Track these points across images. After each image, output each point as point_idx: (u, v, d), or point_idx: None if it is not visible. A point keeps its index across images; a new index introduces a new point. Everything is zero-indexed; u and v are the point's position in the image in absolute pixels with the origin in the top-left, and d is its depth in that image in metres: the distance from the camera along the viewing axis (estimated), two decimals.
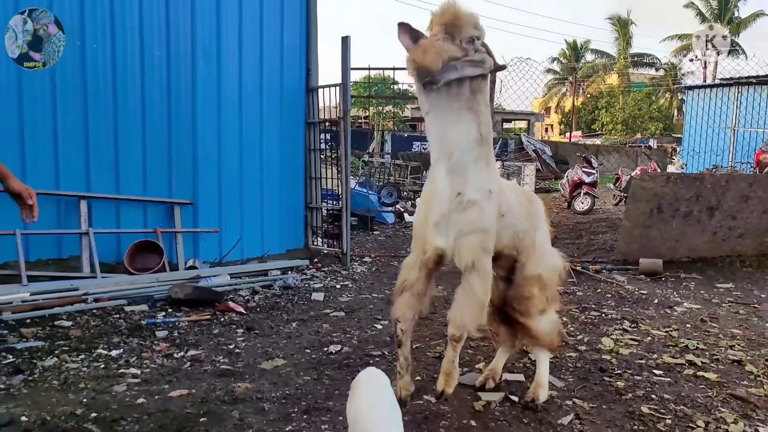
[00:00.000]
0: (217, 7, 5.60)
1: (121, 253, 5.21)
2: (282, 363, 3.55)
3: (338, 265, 6.38)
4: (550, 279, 3.04)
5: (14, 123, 4.70)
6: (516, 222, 2.91)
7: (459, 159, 2.61)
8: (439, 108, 2.61)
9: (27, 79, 4.70)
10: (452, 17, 2.53)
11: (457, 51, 2.52)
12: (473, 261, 2.63)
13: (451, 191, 2.61)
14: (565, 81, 42.78)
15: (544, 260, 3.02)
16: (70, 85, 4.90)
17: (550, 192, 17.88)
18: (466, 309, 2.64)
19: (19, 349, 3.57)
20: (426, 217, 2.71)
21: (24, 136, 4.76)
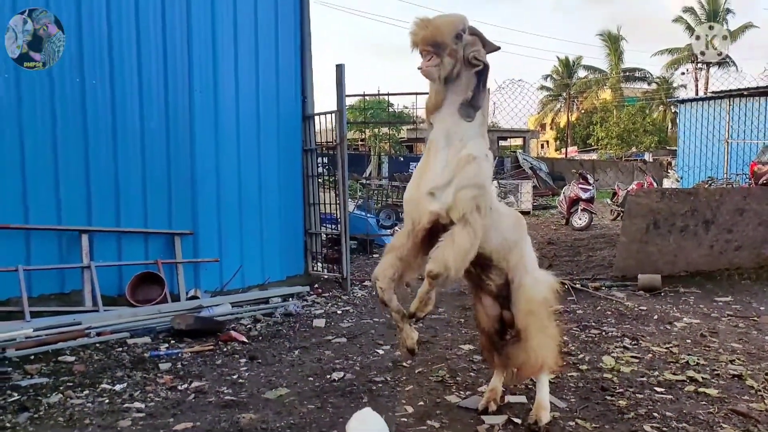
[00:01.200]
0: (213, 39, 5.71)
1: (122, 285, 5.24)
2: (285, 392, 3.56)
3: (339, 290, 6.41)
4: (545, 301, 3.05)
5: (16, 159, 4.78)
6: (504, 228, 2.97)
7: (461, 136, 2.71)
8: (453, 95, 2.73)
9: (27, 115, 4.80)
10: (433, 37, 2.62)
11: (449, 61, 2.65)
12: (465, 214, 2.65)
13: (450, 158, 2.70)
14: (558, 97, 43.19)
15: (537, 283, 3.04)
16: (71, 121, 4.99)
17: (547, 209, 17.96)
18: (449, 251, 2.62)
19: (23, 386, 3.58)
20: (418, 187, 2.75)
21: (25, 172, 4.83)
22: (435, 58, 2.64)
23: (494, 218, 2.90)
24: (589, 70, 43.23)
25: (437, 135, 2.75)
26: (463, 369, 3.93)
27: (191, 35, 5.55)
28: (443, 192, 2.67)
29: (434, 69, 2.65)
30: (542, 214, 16.83)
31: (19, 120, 4.76)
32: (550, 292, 3.07)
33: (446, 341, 4.61)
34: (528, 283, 3.00)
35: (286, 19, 6.36)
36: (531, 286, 3.00)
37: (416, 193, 2.76)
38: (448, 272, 2.61)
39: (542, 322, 3.02)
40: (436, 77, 2.67)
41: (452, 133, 2.71)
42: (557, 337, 3.15)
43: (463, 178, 2.66)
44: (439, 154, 2.72)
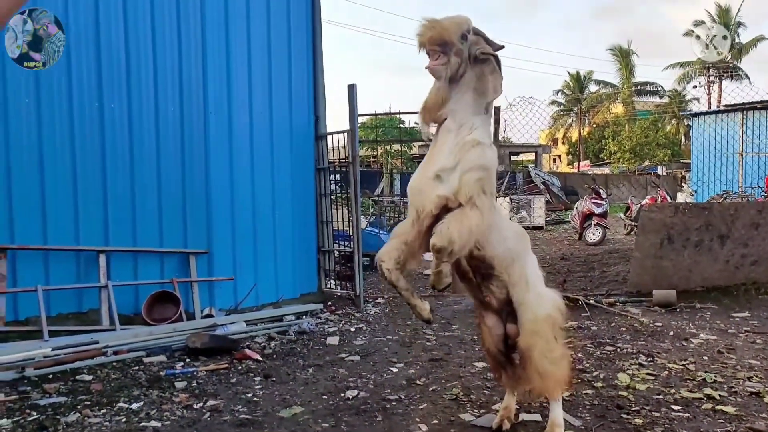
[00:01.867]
0: (227, 60, 5.83)
1: (138, 304, 5.31)
2: (300, 410, 3.58)
3: (352, 308, 6.43)
4: (549, 319, 2.96)
5: (36, 181, 4.89)
6: (507, 236, 2.96)
7: (469, 125, 2.75)
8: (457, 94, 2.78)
9: (47, 138, 4.93)
10: (440, 37, 2.67)
11: (456, 60, 2.71)
12: (472, 197, 2.65)
13: (456, 143, 2.73)
14: (570, 112, 43.18)
15: (540, 300, 2.97)
16: (89, 144, 5.11)
17: (560, 224, 17.88)
18: (455, 225, 2.60)
19: (42, 405, 3.63)
20: (424, 174, 2.78)
21: (45, 193, 4.94)
22: (442, 57, 2.70)
23: (497, 222, 2.90)
24: (600, 85, 43.25)
25: (445, 126, 2.79)
26: (477, 387, 3.93)
27: (206, 57, 5.68)
28: (450, 175, 2.69)
29: (442, 67, 2.70)
30: (555, 229, 16.77)
31: (40, 142, 4.89)
32: (555, 310, 2.98)
33: (460, 359, 4.61)
34: (530, 301, 2.93)
35: (298, 40, 6.48)
36: (534, 304, 2.92)
37: (421, 180, 2.79)
38: (452, 246, 2.58)
39: (547, 343, 2.90)
40: (443, 75, 2.72)
41: (461, 124, 2.76)
42: (566, 357, 3.04)
43: (467, 161, 2.69)
44: (447, 140, 2.76)
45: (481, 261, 2.88)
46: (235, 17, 5.88)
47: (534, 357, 2.88)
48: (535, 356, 2.87)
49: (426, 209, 2.72)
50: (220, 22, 5.77)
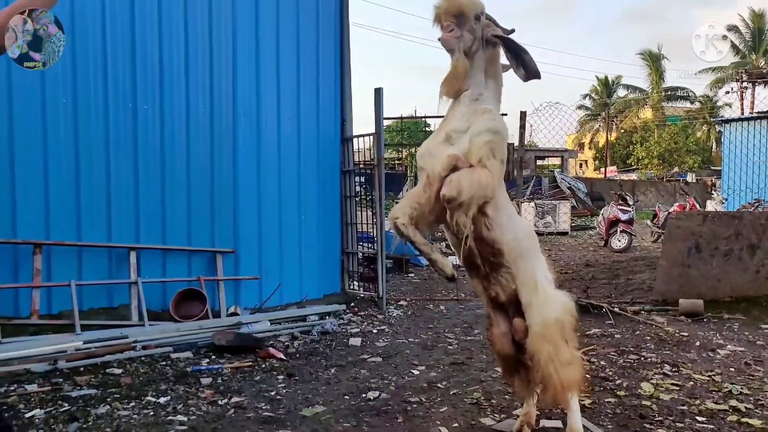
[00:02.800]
0: (257, 63, 5.94)
1: (166, 301, 5.43)
2: (322, 410, 3.63)
3: (374, 309, 6.48)
4: (557, 323, 2.88)
5: (72, 180, 5.04)
6: (517, 226, 2.98)
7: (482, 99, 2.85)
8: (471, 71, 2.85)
9: (83, 139, 5.08)
10: (457, 8, 2.75)
11: (469, 36, 2.79)
12: (482, 158, 2.69)
13: (468, 110, 2.81)
14: (597, 117, 42.65)
15: (548, 302, 2.91)
16: (123, 144, 5.25)
17: (586, 229, 17.68)
18: (465, 177, 2.63)
19: (74, 396, 3.75)
20: (435, 139, 2.85)
21: (80, 192, 5.08)
22: (456, 30, 2.76)
23: (507, 208, 2.94)
24: (629, 90, 42.64)
25: (460, 100, 2.86)
26: (498, 392, 3.93)
27: (236, 60, 5.79)
28: (460, 137, 2.75)
29: (454, 40, 2.76)
30: (580, 234, 16.59)
31: (76, 142, 5.04)
32: (564, 313, 2.90)
33: (482, 363, 4.61)
34: (539, 303, 2.87)
35: (326, 44, 6.56)
36: (542, 307, 2.86)
37: (431, 144, 2.85)
38: (461, 197, 2.61)
39: (555, 348, 2.82)
40: (456, 48, 2.77)
41: (474, 98, 2.84)
42: (576, 362, 2.95)
43: (478, 125, 2.75)
44: (460, 109, 2.83)
45: (491, 245, 2.85)
46: (265, 21, 5.99)
47: (542, 361, 2.82)
48: (542, 360, 2.82)
49: (436, 171, 2.74)
50: (250, 26, 5.89)
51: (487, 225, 2.81)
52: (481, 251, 2.89)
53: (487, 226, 2.82)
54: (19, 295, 4.80)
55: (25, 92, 4.77)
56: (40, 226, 4.87)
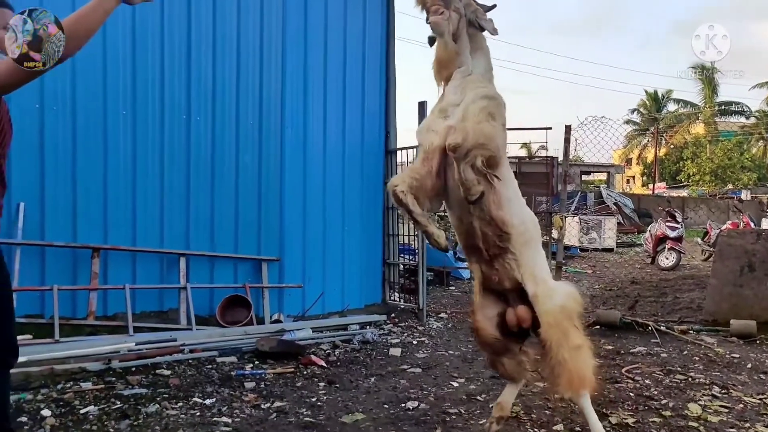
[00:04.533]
0: (304, 78, 6.13)
1: (213, 306, 5.61)
2: (361, 417, 3.68)
3: (414, 321, 6.50)
4: (564, 310, 2.91)
5: (128, 188, 5.28)
6: (524, 209, 3.03)
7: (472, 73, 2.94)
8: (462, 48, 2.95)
9: (141, 149, 5.32)
10: None
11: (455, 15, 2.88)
12: (480, 122, 2.75)
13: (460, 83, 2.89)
14: (646, 132, 41.62)
15: (552, 292, 2.93)
16: (176, 154, 5.48)
17: (632, 246, 17.25)
18: (471, 125, 2.70)
19: (125, 395, 3.91)
20: (433, 114, 2.93)
21: (136, 200, 5.32)
22: (445, 12, 2.82)
23: (514, 186, 2.98)
24: (679, 104, 41.48)
25: (452, 77, 2.94)
26: (538, 406, 3.90)
27: (284, 74, 6.00)
28: (455, 109, 2.81)
29: (444, 22, 2.83)
30: (626, 251, 16.20)
31: (134, 152, 5.29)
32: (569, 300, 2.93)
33: None
34: (543, 293, 2.90)
35: (372, 58, 6.70)
36: (547, 296, 2.90)
37: (428, 120, 2.93)
38: (466, 143, 2.65)
39: (565, 334, 2.86)
40: (445, 30, 2.85)
41: (465, 74, 2.92)
42: (586, 347, 2.96)
43: (470, 95, 2.80)
44: (453, 84, 2.92)
45: (498, 227, 2.86)
46: (314, 35, 6.18)
47: (553, 347, 2.86)
48: (554, 346, 2.85)
49: (434, 144, 2.80)
50: (299, 39, 6.10)
51: (495, 201, 2.82)
52: (487, 233, 2.88)
53: (495, 202, 2.82)
54: (77, 297, 5.04)
55: (89, 103, 5.05)
56: (99, 231, 5.12)
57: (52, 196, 4.91)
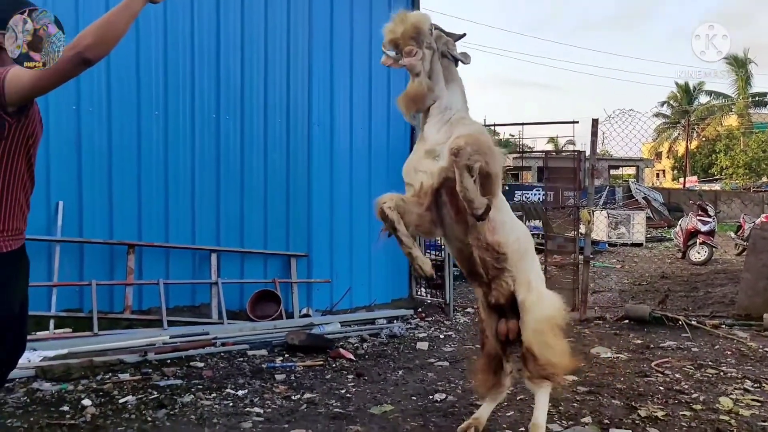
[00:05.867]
0: (331, 76, 6.22)
1: (243, 301, 5.73)
2: (390, 409, 3.74)
3: (441, 316, 6.54)
4: (549, 319, 3.01)
5: (161, 187, 5.43)
6: (517, 226, 3.09)
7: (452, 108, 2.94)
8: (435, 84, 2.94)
9: (172, 148, 5.47)
10: (414, 29, 2.81)
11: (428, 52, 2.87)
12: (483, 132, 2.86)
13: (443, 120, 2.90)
14: (676, 124, 40.75)
15: (542, 300, 3.02)
16: (207, 153, 5.61)
17: (662, 241, 16.97)
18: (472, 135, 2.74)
19: (161, 386, 4.04)
20: (417, 154, 2.92)
21: (168, 198, 5.47)
22: (418, 52, 2.81)
23: (507, 211, 3.03)
24: (711, 96, 40.49)
25: (431, 112, 2.94)
26: (565, 399, 3.91)
27: (311, 72, 6.10)
28: (443, 149, 2.80)
29: (419, 62, 2.82)
30: (656, 246, 15.94)
31: (165, 151, 5.43)
32: (555, 310, 3.04)
33: None
34: (533, 301, 2.98)
35: None
36: (537, 304, 2.98)
37: (414, 160, 2.92)
38: (468, 146, 2.66)
39: (546, 342, 2.97)
40: (421, 70, 2.83)
41: (444, 108, 2.92)
42: (566, 351, 3.10)
43: (456, 133, 2.80)
44: (434, 122, 2.91)
45: (495, 250, 2.92)
46: (340, 35, 6.26)
47: (535, 351, 2.96)
48: (536, 351, 2.96)
49: (426, 185, 2.82)
50: (325, 38, 6.19)
51: (490, 228, 2.88)
52: (485, 259, 2.96)
53: (490, 229, 2.88)
54: (114, 291, 5.21)
55: (123, 104, 5.20)
56: (134, 229, 5.27)
57: (89, 194, 5.08)
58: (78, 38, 1.97)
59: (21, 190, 2.12)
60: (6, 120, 2.00)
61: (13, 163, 2.07)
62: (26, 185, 2.14)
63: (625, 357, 4.99)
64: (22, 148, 2.08)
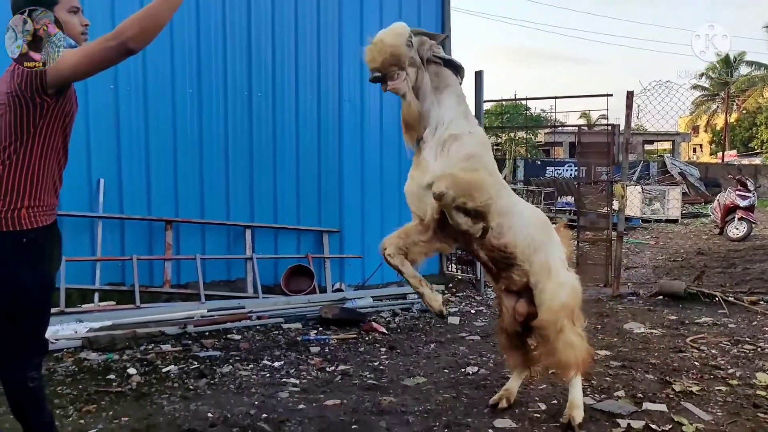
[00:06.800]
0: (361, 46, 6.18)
1: (277, 276, 5.85)
2: (423, 380, 3.81)
3: (472, 291, 6.57)
4: (564, 307, 2.98)
5: (196, 165, 5.55)
6: (529, 223, 2.98)
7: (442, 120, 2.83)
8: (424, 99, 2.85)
9: (206, 126, 5.56)
10: (393, 54, 2.71)
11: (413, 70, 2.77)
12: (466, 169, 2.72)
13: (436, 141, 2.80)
14: (715, 97, 39.42)
15: (559, 288, 2.98)
16: (239, 131, 5.70)
17: (698, 217, 16.60)
18: (455, 177, 2.64)
19: (201, 356, 4.19)
20: (418, 181, 2.85)
21: (203, 175, 5.59)
22: (400, 74, 2.72)
23: (515, 208, 2.95)
24: (752, 66, 38.97)
25: (425, 136, 2.85)
26: (598, 373, 3.92)
27: (341, 48, 6.11)
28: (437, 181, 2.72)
29: (403, 84, 2.73)
30: (692, 222, 15.60)
31: (200, 129, 5.54)
32: (571, 298, 3.00)
33: None
34: (549, 289, 2.96)
35: (427, 29, 6.65)
36: (552, 292, 2.95)
37: (416, 188, 2.86)
38: (448, 192, 2.61)
39: (561, 329, 2.95)
40: (406, 91, 2.74)
41: (435, 125, 2.82)
42: (582, 340, 3.06)
43: (449, 160, 2.74)
44: (429, 143, 2.82)
45: (502, 251, 2.92)
46: (370, 12, 6.24)
47: (550, 339, 2.95)
48: (550, 338, 2.95)
49: (428, 215, 2.82)
50: (355, 13, 6.16)
51: (494, 235, 2.85)
52: (494, 258, 2.98)
53: (495, 236, 2.86)
54: (154, 266, 5.37)
55: (159, 84, 5.31)
56: (171, 205, 5.42)
57: (128, 172, 5.23)
58: (121, 28, 2.02)
59: (56, 165, 2.23)
60: (45, 101, 2.09)
61: (50, 140, 2.16)
62: (61, 160, 2.25)
63: (659, 332, 4.96)
64: (59, 125, 2.17)
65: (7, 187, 2.12)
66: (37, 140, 2.13)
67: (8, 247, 2.14)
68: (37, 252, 2.18)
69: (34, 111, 2.09)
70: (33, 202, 2.16)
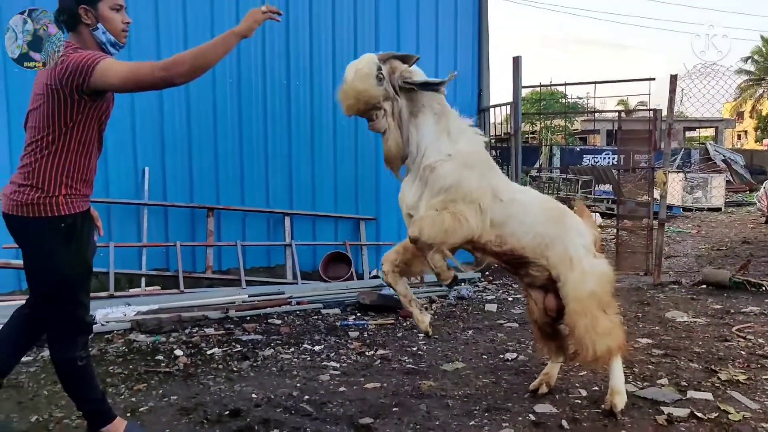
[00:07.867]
0: (398, 38, 6.20)
1: (316, 262, 5.94)
2: (461, 366, 3.83)
3: (509, 279, 6.53)
4: (592, 295, 2.88)
5: (236, 154, 5.67)
6: (533, 222, 2.87)
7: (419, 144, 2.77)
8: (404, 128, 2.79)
9: (246, 115, 5.66)
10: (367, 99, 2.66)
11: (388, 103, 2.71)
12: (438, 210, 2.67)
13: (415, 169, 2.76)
14: (761, 81, 37.97)
15: (584, 277, 2.88)
16: (278, 119, 5.79)
17: (743, 206, 16.09)
18: (428, 221, 2.62)
19: (243, 340, 4.30)
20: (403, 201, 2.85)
21: (243, 164, 5.70)
22: (378, 113, 2.69)
23: (516, 211, 2.84)
24: None
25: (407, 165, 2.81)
26: (640, 361, 3.87)
27: (378, 33, 6.13)
28: (417, 212, 2.73)
29: (382, 122, 2.70)
30: (737, 211, 15.14)
31: (240, 119, 5.65)
32: (599, 285, 2.89)
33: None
34: (574, 280, 2.86)
35: (464, 15, 6.65)
36: (578, 282, 2.86)
37: (405, 209, 2.85)
38: (421, 237, 2.60)
39: (592, 319, 2.86)
40: (386, 126, 2.71)
41: (414, 153, 2.77)
42: (615, 328, 2.95)
43: (427, 191, 2.70)
44: (411, 173, 2.80)
45: (510, 254, 2.87)
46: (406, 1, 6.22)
47: (580, 332, 2.87)
48: (581, 332, 2.87)
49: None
50: (392, 3, 6.16)
51: (495, 243, 2.82)
52: (502, 260, 2.94)
53: (496, 245, 2.82)
54: (196, 252, 5.52)
55: None
56: (212, 193, 5.55)
57: (171, 161, 5.37)
58: (173, 62, 2.09)
59: (92, 157, 2.33)
60: (84, 99, 2.17)
61: (87, 134, 2.27)
62: (96, 152, 2.37)
63: (703, 321, 4.86)
64: (95, 122, 2.28)
65: (45, 176, 2.23)
66: (75, 133, 2.23)
67: (47, 231, 2.24)
68: (75, 236, 2.29)
69: (72, 106, 2.17)
70: (70, 191, 2.27)
